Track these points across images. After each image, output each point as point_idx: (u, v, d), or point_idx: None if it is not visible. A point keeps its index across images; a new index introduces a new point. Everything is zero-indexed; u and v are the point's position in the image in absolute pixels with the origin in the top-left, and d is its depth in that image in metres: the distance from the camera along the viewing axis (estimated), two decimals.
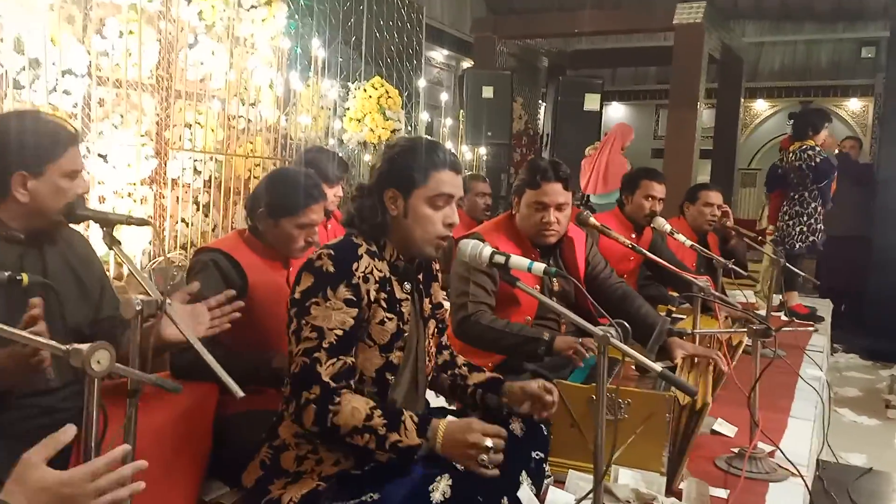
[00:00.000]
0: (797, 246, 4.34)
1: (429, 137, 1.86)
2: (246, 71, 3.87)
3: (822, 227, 4.36)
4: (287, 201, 1.90)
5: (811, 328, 3.90)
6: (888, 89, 6.41)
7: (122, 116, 3.22)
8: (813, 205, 4.32)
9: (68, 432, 0.95)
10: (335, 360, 1.43)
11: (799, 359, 3.14)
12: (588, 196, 6.28)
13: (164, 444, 1.52)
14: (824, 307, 4.56)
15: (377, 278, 1.53)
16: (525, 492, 1.54)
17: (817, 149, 4.28)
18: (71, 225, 1.59)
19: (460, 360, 1.81)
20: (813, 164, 4.23)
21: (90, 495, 0.93)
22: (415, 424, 1.38)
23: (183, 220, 3.57)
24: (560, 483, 1.73)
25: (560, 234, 2.32)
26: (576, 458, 1.77)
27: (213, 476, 1.70)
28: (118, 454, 0.97)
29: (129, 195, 3.26)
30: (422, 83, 6.04)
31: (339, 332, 1.45)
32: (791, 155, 4.38)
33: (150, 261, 3.28)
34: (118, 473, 0.96)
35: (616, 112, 10.74)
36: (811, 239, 4.33)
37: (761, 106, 9.86)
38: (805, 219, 4.32)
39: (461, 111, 6.66)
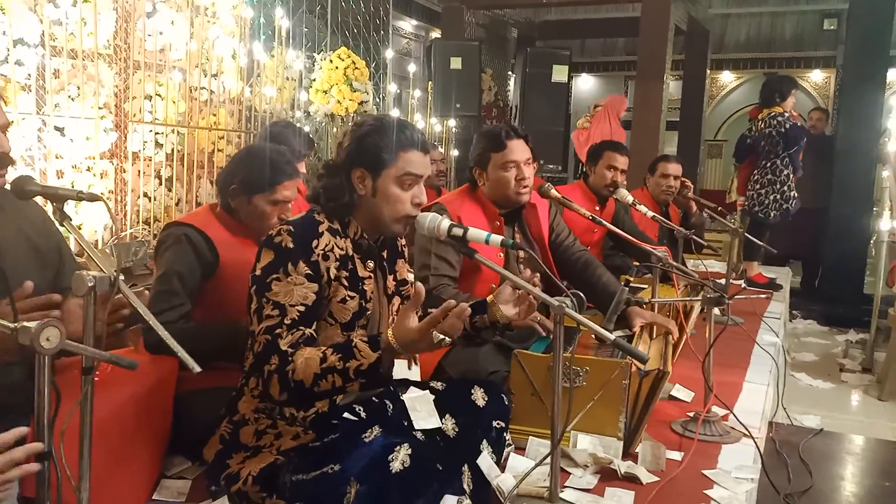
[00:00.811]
0: (772, 214, 4.33)
1: (397, 116, 1.84)
2: (207, 41, 3.78)
3: (796, 195, 4.38)
4: (260, 177, 1.88)
5: (763, 296, 4.01)
6: (847, 61, 6.49)
7: (78, 88, 3.13)
8: (785, 172, 4.32)
9: None
10: (295, 330, 1.44)
11: (756, 326, 3.24)
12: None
13: (125, 420, 1.52)
14: (784, 276, 4.68)
15: (337, 256, 1.53)
16: (485, 459, 1.58)
17: (786, 115, 4.27)
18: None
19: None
20: (783, 129, 4.24)
21: None
22: (366, 344, 1.39)
23: (145, 195, 3.51)
24: (521, 450, 1.77)
25: (531, 190, 2.34)
26: (536, 425, 1.81)
27: (174, 452, 1.71)
28: (8, 437, 1.01)
29: (89, 169, 3.20)
30: (389, 54, 5.96)
31: (301, 308, 1.46)
32: (760, 123, 4.37)
33: (111, 236, 3.23)
34: (7, 456, 0.99)
35: (585, 84, 10.75)
36: (785, 206, 4.33)
37: (727, 77, 9.95)
38: (778, 186, 4.32)
39: (429, 82, 6.60)
